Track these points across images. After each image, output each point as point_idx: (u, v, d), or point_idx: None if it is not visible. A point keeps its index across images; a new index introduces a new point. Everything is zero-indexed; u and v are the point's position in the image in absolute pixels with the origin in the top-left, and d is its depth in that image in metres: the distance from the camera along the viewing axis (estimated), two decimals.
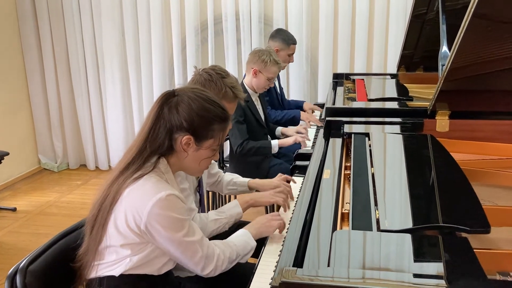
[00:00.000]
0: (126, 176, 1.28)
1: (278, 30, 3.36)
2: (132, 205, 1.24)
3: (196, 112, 1.30)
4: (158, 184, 1.25)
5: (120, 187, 1.27)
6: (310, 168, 1.59)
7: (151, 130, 1.30)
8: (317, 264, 0.93)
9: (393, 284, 0.81)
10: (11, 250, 3.02)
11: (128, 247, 1.27)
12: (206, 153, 1.35)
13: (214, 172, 2.00)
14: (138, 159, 1.29)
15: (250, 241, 1.44)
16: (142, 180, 1.26)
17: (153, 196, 1.22)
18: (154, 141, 1.30)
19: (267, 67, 2.67)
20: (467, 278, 0.82)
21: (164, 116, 1.30)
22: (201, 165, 1.38)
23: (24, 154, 4.39)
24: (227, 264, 1.36)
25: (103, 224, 1.28)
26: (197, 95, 1.33)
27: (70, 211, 3.62)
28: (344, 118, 1.96)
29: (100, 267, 1.31)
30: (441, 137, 1.76)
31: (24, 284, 1.19)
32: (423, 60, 2.92)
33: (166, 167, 1.33)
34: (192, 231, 1.29)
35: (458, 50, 1.50)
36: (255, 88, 2.77)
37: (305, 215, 1.22)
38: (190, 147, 1.32)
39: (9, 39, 4.15)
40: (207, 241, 1.34)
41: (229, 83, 1.73)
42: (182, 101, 1.31)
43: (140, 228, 1.24)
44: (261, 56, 2.67)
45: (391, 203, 1.15)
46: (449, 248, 0.92)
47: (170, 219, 1.23)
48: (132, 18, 4.09)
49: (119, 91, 4.27)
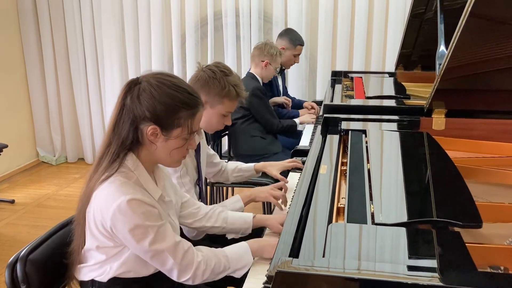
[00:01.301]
0: (97, 176, 1.23)
1: (287, 30, 3.43)
2: (98, 209, 1.21)
3: (158, 100, 1.20)
4: (121, 187, 1.19)
5: (91, 189, 1.23)
6: (307, 163, 1.61)
7: (116, 123, 1.23)
8: (312, 255, 0.95)
9: (388, 275, 0.83)
10: (9, 242, 3.04)
11: (103, 251, 1.25)
12: (176, 143, 1.26)
13: (216, 161, 2.04)
14: (107, 155, 1.23)
15: (246, 255, 1.34)
16: (107, 183, 1.20)
17: (114, 201, 1.17)
18: (119, 135, 1.23)
19: (275, 59, 3.02)
20: (458, 270, 0.84)
21: (127, 106, 1.21)
22: (172, 156, 1.28)
23: (23, 147, 4.41)
24: (210, 274, 1.28)
25: (82, 225, 1.27)
26: (160, 81, 1.23)
27: (68, 204, 3.64)
28: (341, 115, 1.98)
29: (84, 270, 1.29)
30: (437, 135, 1.78)
31: (25, 272, 1.20)
32: (421, 59, 2.93)
33: (135, 163, 1.25)
34: (161, 237, 1.21)
35: (454, 50, 1.52)
36: (264, 78, 3.08)
37: (301, 209, 1.24)
38: (158, 138, 1.23)
39: (9, 33, 4.16)
40: (186, 247, 1.26)
41: (232, 81, 1.75)
42: (143, 89, 1.21)
43: (108, 231, 1.21)
44: (270, 50, 3.00)
45: (386, 198, 1.17)
46: (441, 242, 0.94)
47: (132, 225, 1.17)
48: (132, 13, 4.10)
49: (118, 86, 4.28)
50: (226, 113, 1.78)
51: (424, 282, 0.79)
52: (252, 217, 1.58)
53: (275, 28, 3.91)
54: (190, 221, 1.57)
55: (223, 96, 1.73)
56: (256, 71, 3.05)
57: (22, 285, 1.20)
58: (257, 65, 3.04)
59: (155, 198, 1.28)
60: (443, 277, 0.82)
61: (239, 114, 2.95)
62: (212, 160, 2.01)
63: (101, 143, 1.27)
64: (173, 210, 1.42)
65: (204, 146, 1.91)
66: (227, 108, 1.77)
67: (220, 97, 1.73)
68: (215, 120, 1.78)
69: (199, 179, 1.84)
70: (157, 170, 1.38)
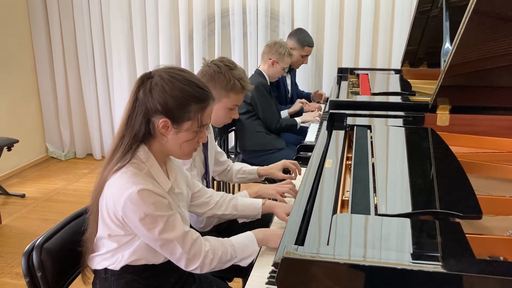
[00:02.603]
0: (110, 167, 1.27)
1: (297, 30, 3.43)
2: (110, 198, 1.24)
3: (169, 94, 1.24)
4: (133, 178, 1.22)
5: (104, 179, 1.27)
6: (313, 157, 1.64)
7: (129, 116, 1.27)
8: (318, 243, 0.99)
9: (393, 263, 0.85)
10: (20, 235, 3.10)
11: (114, 239, 1.29)
12: (186, 135, 1.29)
13: (223, 160, 2.05)
14: (120, 146, 1.27)
15: (252, 244, 1.37)
16: (120, 173, 1.24)
17: (125, 191, 1.20)
18: (132, 127, 1.26)
19: (282, 58, 3.00)
20: (458, 258, 0.88)
21: (139, 100, 1.25)
22: (183, 149, 1.31)
23: (33, 142, 4.47)
24: (217, 263, 1.32)
25: (95, 214, 1.30)
26: (171, 75, 1.26)
27: (77, 199, 3.71)
28: (347, 111, 2.01)
29: (97, 259, 1.33)
30: (441, 131, 1.81)
31: (40, 260, 1.25)
32: (427, 56, 2.95)
33: (146, 155, 1.29)
34: (171, 227, 1.24)
35: (458, 47, 1.54)
36: (270, 76, 3.07)
37: (307, 200, 1.27)
38: (169, 130, 1.27)
39: (19, 29, 4.22)
40: (194, 236, 1.30)
41: (237, 74, 1.78)
42: (156, 83, 1.25)
43: (119, 220, 1.24)
44: (278, 49, 3.00)
45: (389, 190, 1.20)
46: (442, 232, 0.97)
47: (142, 214, 1.21)
48: (140, 10, 4.15)
49: (126, 82, 4.33)
50: (233, 106, 1.81)
51: (429, 269, 0.82)
52: (261, 204, 1.63)
53: (282, 25, 3.94)
54: (203, 210, 1.61)
55: (228, 89, 1.76)
56: (263, 69, 3.06)
57: (38, 272, 1.25)
58: (265, 63, 3.05)
59: (165, 189, 1.31)
60: (444, 263, 0.85)
61: (244, 109, 2.97)
62: (218, 158, 2.03)
63: (115, 135, 1.31)
64: (184, 202, 1.46)
65: (212, 142, 1.94)
66: (233, 102, 1.80)
67: (225, 91, 1.77)
68: (222, 114, 1.82)
69: (206, 173, 1.88)
70: (169, 162, 1.42)
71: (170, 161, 1.43)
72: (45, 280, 1.26)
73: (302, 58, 3.35)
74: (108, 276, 1.34)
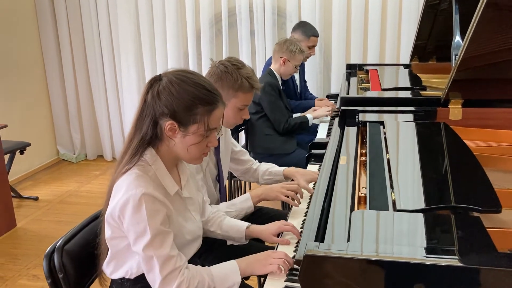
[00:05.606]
0: (119, 170, 1.27)
1: (299, 23, 3.43)
2: (113, 199, 1.24)
3: (176, 96, 1.23)
4: (136, 181, 1.21)
5: (113, 181, 1.27)
6: (327, 155, 1.65)
7: (138, 118, 1.27)
8: (338, 240, 0.99)
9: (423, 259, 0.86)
10: (36, 237, 3.13)
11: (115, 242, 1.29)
12: (193, 139, 1.26)
13: (245, 159, 2.02)
14: (129, 149, 1.27)
15: (233, 275, 1.30)
16: (125, 176, 1.24)
17: (126, 193, 1.20)
18: (140, 130, 1.26)
19: (294, 55, 2.96)
20: (478, 252, 0.88)
21: (148, 102, 1.25)
22: (190, 152, 1.28)
23: (44, 145, 4.52)
24: None
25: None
26: (179, 78, 1.25)
27: (89, 200, 3.74)
28: (358, 107, 2.01)
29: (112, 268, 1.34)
30: (454, 125, 1.80)
31: (61, 261, 1.27)
32: (436, 50, 2.94)
33: (153, 158, 1.28)
34: (158, 244, 1.20)
35: (471, 40, 1.53)
36: (282, 75, 3.05)
37: (323, 198, 1.28)
38: (175, 133, 1.26)
39: (28, 33, 4.26)
40: (177, 265, 1.23)
41: (245, 73, 1.73)
42: (163, 86, 1.24)
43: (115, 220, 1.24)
44: (289, 47, 2.95)
45: (406, 186, 1.20)
46: (461, 226, 0.98)
47: (136, 219, 1.19)
48: (147, 11, 4.17)
49: (134, 83, 4.35)
50: (242, 106, 1.76)
51: (451, 263, 0.82)
52: (245, 227, 1.55)
53: (289, 23, 3.93)
54: None
55: (236, 89, 1.72)
56: (275, 68, 3.03)
57: (59, 273, 1.27)
58: (277, 61, 3.01)
59: (171, 193, 1.30)
60: (462, 258, 0.86)
61: (253, 109, 2.95)
62: (238, 157, 1.99)
63: (126, 137, 1.32)
64: (195, 206, 1.44)
65: (227, 143, 1.92)
66: (242, 101, 1.75)
67: (233, 90, 1.72)
68: (232, 115, 1.77)
69: (219, 175, 1.86)
70: (181, 165, 1.41)
71: (183, 164, 1.42)
72: (67, 281, 1.28)
73: (310, 50, 3.32)
74: (124, 281, 1.35)
